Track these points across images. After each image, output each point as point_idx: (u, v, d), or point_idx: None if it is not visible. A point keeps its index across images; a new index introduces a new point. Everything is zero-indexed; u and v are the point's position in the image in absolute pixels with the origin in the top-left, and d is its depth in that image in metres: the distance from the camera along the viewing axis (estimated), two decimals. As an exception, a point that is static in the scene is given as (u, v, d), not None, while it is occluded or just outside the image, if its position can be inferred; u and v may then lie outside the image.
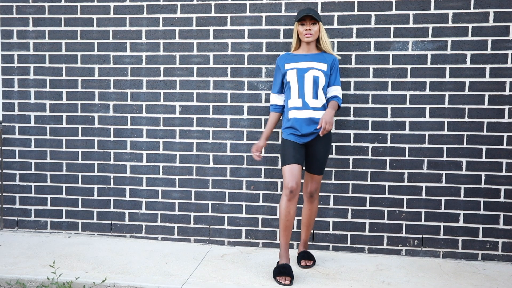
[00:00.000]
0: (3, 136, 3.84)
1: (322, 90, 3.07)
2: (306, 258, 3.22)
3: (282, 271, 2.94)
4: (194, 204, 3.68)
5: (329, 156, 3.49)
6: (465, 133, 3.39)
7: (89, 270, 3.07)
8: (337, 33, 3.46)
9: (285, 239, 3.04)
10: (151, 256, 3.36)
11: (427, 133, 3.42)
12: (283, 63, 3.12)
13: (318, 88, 3.05)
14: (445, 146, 3.41)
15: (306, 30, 3.05)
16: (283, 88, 3.16)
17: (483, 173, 3.39)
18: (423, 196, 3.45)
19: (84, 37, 3.72)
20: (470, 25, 3.35)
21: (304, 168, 3.18)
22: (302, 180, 3.32)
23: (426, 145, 3.43)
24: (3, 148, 3.85)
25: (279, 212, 3.06)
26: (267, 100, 3.55)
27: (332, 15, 3.46)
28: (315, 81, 3.04)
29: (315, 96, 3.05)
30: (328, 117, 2.92)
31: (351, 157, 3.50)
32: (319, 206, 3.51)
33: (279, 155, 3.54)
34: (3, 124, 3.84)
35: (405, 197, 3.47)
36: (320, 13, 3.45)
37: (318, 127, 2.94)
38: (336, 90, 3.12)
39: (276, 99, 3.19)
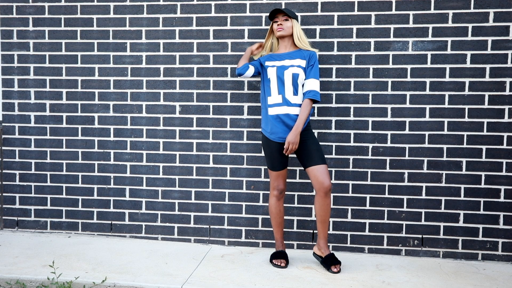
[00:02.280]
0: (3, 136, 3.84)
1: (301, 86, 3.16)
2: (336, 263, 3.11)
3: (278, 255, 3.22)
4: (194, 204, 3.68)
5: (329, 156, 3.49)
6: (465, 133, 3.39)
7: (89, 270, 3.07)
8: (337, 33, 3.46)
9: (280, 234, 3.31)
10: (151, 256, 3.36)
11: (427, 133, 3.42)
12: (264, 60, 3.24)
13: (298, 85, 3.13)
14: (445, 146, 3.41)
15: (278, 25, 3.18)
16: (256, 67, 3.23)
17: (483, 173, 3.39)
18: (423, 196, 3.45)
19: (84, 37, 3.72)
20: (470, 25, 3.35)
21: (304, 168, 3.16)
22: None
23: (426, 145, 3.43)
24: (3, 148, 3.85)
25: (270, 211, 3.29)
26: (267, 100, 3.55)
27: (332, 15, 3.46)
28: (295, 78, 3.12)
29: (295, 92, 3.13)
30: (292, 138, 3.05)
31: (351, 157, 3.50)
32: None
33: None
34: (3, 124, 3.84)
35: (405, 197, 3.47)
36: (320, 13, 3.45)
37: (284, 150, 3.09)
38: (311, 84, 3.11)
39: (249, 65, 3.22)
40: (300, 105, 3.12)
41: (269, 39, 3.32)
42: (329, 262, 3.10)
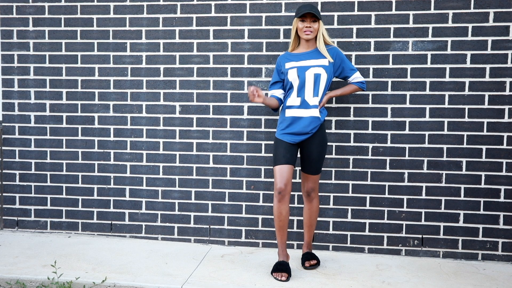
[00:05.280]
0: (3, 136, 3.84)
1: (323, 86, 3.06)
2: (309, 258, 3.20)
3: (279, 267, 3.00)
4: (194, 204, 3.68)
5: (329, 156, 3.49)
6: (465, 133, 3.39)
7: (89, 270, 3.07)
8: (337, 33, 3.46)
9: (281, 238, 3.08)
10: (151, 256, 3.36)
11: (427, 133, 3.42)
12: (283, 62, 3.11)
13: (320, 85, 3.05)
14: (445, 146, 3.41)
15: (306, 27, 3.03)
16: (282, 86, 3.15)
17: (483, 173, 3.39)
18: (423, 196, 3.45)
19: (84, 37, 3.72)
20: (470, 25, 3.35)
21: (300, 168, 3.17)
22: (299, 180, 3.32)
23: (426, 145, 3.43)
24: (3, 148, 3.85)
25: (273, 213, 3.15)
26: (267, 100, 3.55)
27: (332, 15, 3.46)
28: (316, 78, 3.04)
29: (316, 93, 3.05)
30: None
31: (351, 157, 3.50)
32: (319, 206, 3.50)
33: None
34: (3, 124, 3.84)
35: (405, 197, 3.47)
36: (320, 13, 3.45)
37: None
38: (358, 76, 3.17)
39: (275, 92, 3.15)
40: (317, 107, 3.05)
41: (296, 39, 3.13)
42: (304, 258, 3.20)
